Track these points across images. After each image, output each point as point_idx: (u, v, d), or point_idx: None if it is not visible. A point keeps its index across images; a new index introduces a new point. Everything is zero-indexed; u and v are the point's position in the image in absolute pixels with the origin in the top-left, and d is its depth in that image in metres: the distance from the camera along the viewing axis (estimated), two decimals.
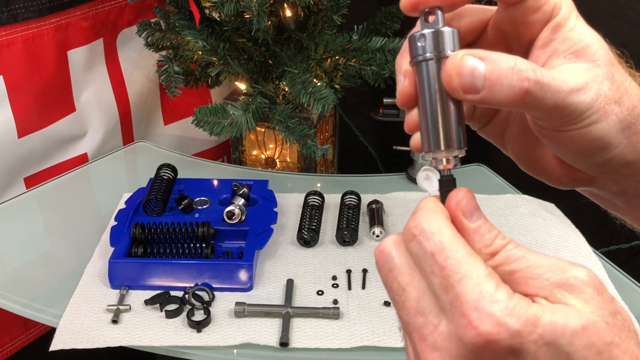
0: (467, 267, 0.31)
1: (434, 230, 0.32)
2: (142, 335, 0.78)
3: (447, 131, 0.35)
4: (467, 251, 0.31)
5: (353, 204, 1.02)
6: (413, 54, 0.35)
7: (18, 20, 1.04)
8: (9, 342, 1.17)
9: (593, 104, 0.34)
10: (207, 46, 1.06)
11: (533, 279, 0.31)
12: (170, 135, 1.43)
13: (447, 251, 0.31)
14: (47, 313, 0.83)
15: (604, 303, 0.30)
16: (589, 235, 0.97)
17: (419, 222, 0.32)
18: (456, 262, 0.31)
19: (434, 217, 0.32)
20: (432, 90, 0.34)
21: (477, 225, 0.33)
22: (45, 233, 1.03)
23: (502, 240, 0.32)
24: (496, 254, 0.32)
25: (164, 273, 0.86)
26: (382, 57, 1.06)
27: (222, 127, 1.02)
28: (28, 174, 1.15)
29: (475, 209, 0.33)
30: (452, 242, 0.31)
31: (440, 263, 0.31)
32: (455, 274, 0.30)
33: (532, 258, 0.31)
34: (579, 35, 0.35)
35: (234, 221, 0.94)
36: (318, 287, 0.87)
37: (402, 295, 0.33)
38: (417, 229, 0.32)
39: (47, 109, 1.14)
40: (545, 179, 0.43)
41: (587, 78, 0.34)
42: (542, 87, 0.32)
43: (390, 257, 0.33)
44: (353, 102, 1.43)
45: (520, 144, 0.42)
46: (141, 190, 1.03)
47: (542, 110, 0.34)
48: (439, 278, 0.31)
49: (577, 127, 0.35)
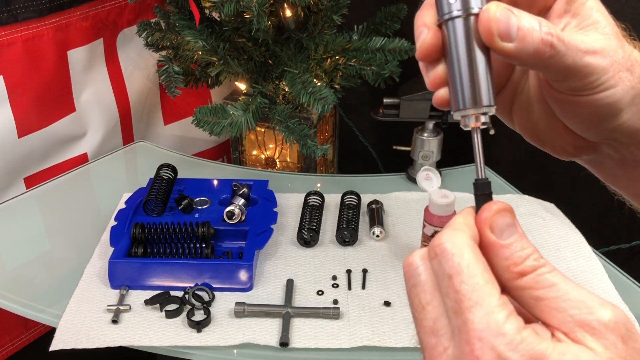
0: (480, 295, 0.30)
1: (454, 251, 0.31)
2: (142, 335, 0.78)
3: (477, 87, 0.35)
4: (484, 277, 0.31)
5: (353, 204, 1.02)
6: (445, 10, 0.35)
7: (18, 20, 1.04)
8: (9, 342, 1.17)
9: (609, 68, 0.35)
10: (207, 46, 1.06)
11: (558, 312, 0.30)
12: (170, 135, 1.43)
13: (464, 275, 0.31)
14: (47, 313, 0.83)
15: (627, 352, 0.29)
16: (589, 235, 0.97)
17: (442, 240, 0.32)
18: (470, 288, 0.30)
19: (458, 236, 0.32)
20: (465, 44, 0.35)
21: (507, 242, 0.32)
22: (45, 233, 1.03)
23: (534, 262, 0.31)
24: (525, 274, 0.31)
25: (164, 273, 0.86)
26: (382, 57, 1.06)
27: (222, 127, 1.02)
28: (28, 174, 1.15)
29: (509, 225, 0.33)
30: (471, 265, 0.31)
31: (455, 286, 0.31)
32: (467, 300, 0.30)
33: (563, 289, 0.30)
34: (590, 11, 0.36)
35: (234, 221, 0.94)
36: (318, 287, 0.87)
37: (421, 313, 0.33)
38: (439, 248, 0.32)
39: (47, 109, 1.14)
40: (550, 150, 0.44)
41: (602, 44, 0.35)
42: (564, 43, 0.34)
43: (417, 272, 0.33)
44: (353, 102, 1.43)
45: (528, 115, 0.43)
46: (141, 190, 1.03)
47: (562, 69, 0.35)
48: (452, 301, 0.31)
49: (593, 92, 0.36)
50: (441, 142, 1.11)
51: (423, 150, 1.11)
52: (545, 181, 1.34)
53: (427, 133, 1.10)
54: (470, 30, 0.35)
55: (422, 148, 1.11)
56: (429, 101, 1.07)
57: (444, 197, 0.85)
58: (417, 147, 1.12)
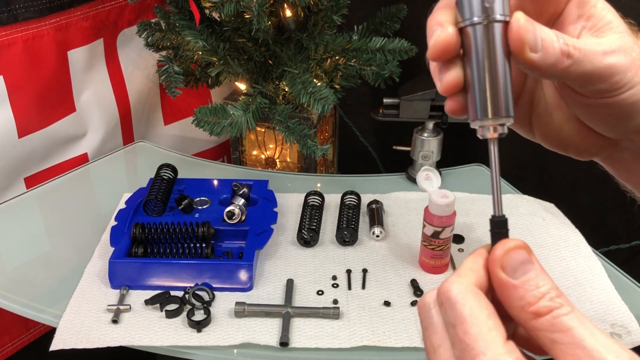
0: (483, 344, 0.30)
1: (458, 299, 0.32)
2: (142, 335, 0.79)
3: (499, 97, 0.34)
4: (487, 325, 0.31)
5: (353, 204, 1.02)
6: (471, 14, 0.34)
7: (18, 21, 1.04)
8: (9, 342, 1.17)
9: (631, 66, 0.36)
10: (207, 46, 1.06)
11: (573, 358, 0.30)
12: (171, 135, 1.43)
13: (467, 324, 0.31)
14: (47, 313, 0.83)
15: None
16: (588, 235, 0.97)
17: (447, 288, 0.32)
18: (474, 337, 0.30)
19: (462, 283, 0.32)
20: (490, 52, 0.34)
21: (519, 281, 0.31)
22: (46, 233, 1.03)
23: (549, 302, 0.31)
24: (540, 316, 0.31)
25: (164, 273, 0.86)
26: (382, 57, 1.06)
27: (222, 127, 1.02)
28: (28, 174, 1.15)
29: (523, 262, 0.32)
30: (473, 314, 0.31)
31: (459, 335, 0.31)
32: (471, 349, 0.30)
33: (579, 335, 0.30)
34: (601, 12, 0.37)
35: (234, 221, 0.94)
36: (318, 287, 0.88)
37: (433, 354, 0.33)
38: (444, 296, 0.32)
39: (47, 109, 1.14)
40: (574, 153, 0.44)
41: (619, 43, 0.36)
42: (580, 51, 0.34)
43: (430, 314, 0.34)
44: (353, 102, 1.43)
45: (548, 123, 0.43)
46: (141, 190, 1.03)
47: (583, 75, 0.35)
48: (457, 350, 0.31)
49: (619, 92, 0.36)
50: (441, 142, 1.11)
51: (423, 150, 1.11)
52: (545, 181, 1.34)
53: (427, 133, 1.10)
54: (495, 38, 0.34)
55: (422, 148, 1.11)
56: (428, 101, 1.07)
57: (444, 197, 0.85)
58: (417, 147, 1.12)
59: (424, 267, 0.91)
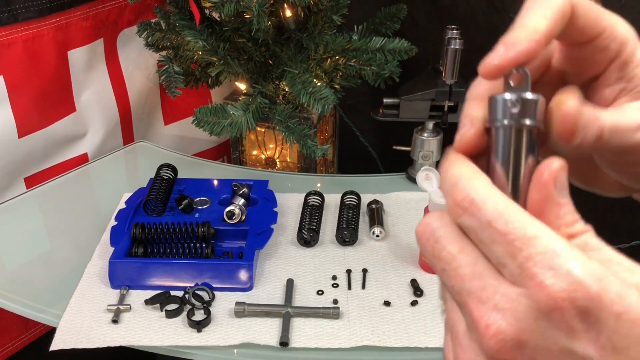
0: (534, 228, 0.28)
1: (485, 197, 0.29)
2: (142, 335, 0.79)
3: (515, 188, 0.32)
4: (527, 214, 0.29)
5: (353, 204, 1.02)
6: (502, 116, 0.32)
7: (18, 20, 1.04)
8: (9, 342, 1.17)
9: None
10: (207, 46, 1.06)
11: None
12: (171, 135, 1.43)
13: (507, 215, 0.28)
14: (47, 313, 0.83)
15: None
16: None
17: (466, 193, 0.30)
18: (520, 225, 0.28)
19: (479, 184, 0.30)
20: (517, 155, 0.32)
21: (565, 201, 0.30)
22: (46, 233, 1.03)
23: (582, 226, 0.29)
24: (573, 237, 0.29)
25: (164, 273, 0.86)
26: (382, 57, 1.06)
27: (222, 127, 1.02)
28: (28, 174, 1.15)
29: (565, 186, 0.30)
30: (509, 205, 0.29)
31: (500, 229, 0.28)
32: (521, 236, 0.28)
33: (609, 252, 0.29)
34: None
35: (234, 221, 0.94)
36: (318, 287, 0.88)
37: (453, 263, 0.30)
38: (467, 201, 0.29)
39: (48, 109, 1.14)
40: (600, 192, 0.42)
41: None
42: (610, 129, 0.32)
43: (435, 229, 0.31)
44: (353, 102, 1.43)
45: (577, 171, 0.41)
46: (141, 190, 1.03)
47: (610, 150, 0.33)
48: (502, 246, 0.28)
49: None
50: (441, 142, 1.11)
51: (423, 150, 1.11)
52: None
53: (427, 133, 1.10)
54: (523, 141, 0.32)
55: (422, 148, 1.11)
56: (428, 101, 1.07)
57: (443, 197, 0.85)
58: (417, 147, 1.12)
59: (424, 267, 0.91)
